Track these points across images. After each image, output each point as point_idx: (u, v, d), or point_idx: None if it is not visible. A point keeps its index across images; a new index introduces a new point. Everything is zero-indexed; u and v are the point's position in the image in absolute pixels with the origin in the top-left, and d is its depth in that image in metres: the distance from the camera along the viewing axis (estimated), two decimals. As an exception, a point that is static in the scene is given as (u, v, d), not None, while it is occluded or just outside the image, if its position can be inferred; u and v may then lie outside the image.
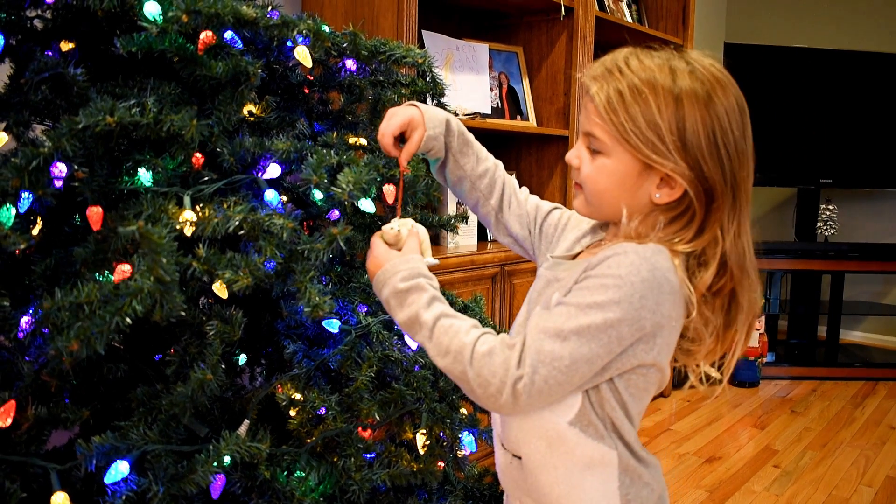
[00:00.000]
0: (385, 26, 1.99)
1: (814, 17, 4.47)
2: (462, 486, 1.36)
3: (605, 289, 0.80)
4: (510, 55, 2.73)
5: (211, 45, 1.03)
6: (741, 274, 0.87)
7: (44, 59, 1.01)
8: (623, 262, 0.80)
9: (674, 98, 0.82)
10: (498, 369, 0.82)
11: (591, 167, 0.89)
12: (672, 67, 0.84)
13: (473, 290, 2.25)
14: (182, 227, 0.95)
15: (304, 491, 1.04)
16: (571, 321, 0.81)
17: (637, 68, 0.84)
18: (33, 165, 0.86)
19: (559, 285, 0.90)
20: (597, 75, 0.87)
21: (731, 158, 0.84)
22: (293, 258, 0.99)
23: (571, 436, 0.86)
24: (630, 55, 0.87)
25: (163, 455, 0.96)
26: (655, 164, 0.84)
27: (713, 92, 0.83)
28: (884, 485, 2.51)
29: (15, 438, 0.97)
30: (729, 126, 0.84)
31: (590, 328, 0.80)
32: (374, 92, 1.36)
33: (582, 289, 0.82)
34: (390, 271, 0.91)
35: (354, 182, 0.99)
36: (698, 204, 0.84)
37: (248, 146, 1.08)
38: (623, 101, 0.83)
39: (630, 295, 0.79)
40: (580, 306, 0.81)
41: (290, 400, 1.11)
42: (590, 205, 0.92)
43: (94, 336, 0.79)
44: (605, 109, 0.85)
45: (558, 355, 0.80)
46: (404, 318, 0.89)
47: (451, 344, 0.85)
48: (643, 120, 0.82)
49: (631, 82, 0.83)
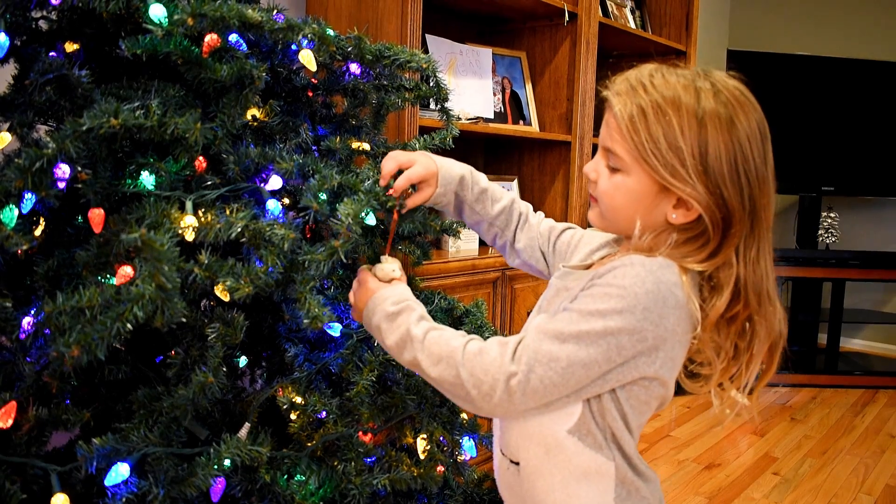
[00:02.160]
0: (389, 30, 1.99)
1: (817, 25, 4.48)
2: (462, 491, 1.36)
3: (609, 297, 0.80)
4: (513, 60, 2.74)
5: (216, 48, 1.04)
6: (758, 301, 0.86)
7: (48, 61, 1.02)
8: (629, 273, 0.80)
9: (697, 119, 0.81)
10: (490, 366, 0.83)
11: (608, 183, 0.89)
12: (697, 87, 0.83)
13: (475, 294, 2.25)
14: (184, 232, 0.95)
15: (304, 495, 1.04)
16: (572, 325, 0.81)
17: (661, 86, 0.83)
18: (37, 166, 0.86)
19: (567, 294, 0.89)
20: (620, 91, 0.86)
21: (752, 185, 0.83)
22: (294, 268, 1.00)
23: (570, 444, 0.86)
24: (655, 71, 0.86)
25: (163, 457, 0.96)
26: (672, 188, 0.83)
27: (735, 116, 0.82)
28: (883, 493, 2.50)
29: (15, 439, 0.97)
30: (751, 152, 0.83)
31: (589, 334, 0.80)
32: (377, 96, 1.36)
33: (586, 296, 0.82)
34: (380, 298, 0.94)
35: (354, 215, 1.00)
36: (713, 229, 0.83)
37: (253, 156, 1.09)
38: (646, 119, 0.83)
39: (633, 306, 0.79)
40: (582, 312, 0.81)
41: (290, 403, 1.11)
42: (605, 219, 0.92)
43: (95, 342, 0.79)
44: (626, 127, 0.84)
45: (555, 356, 0.81)
46: (395, 339, 0.91)
47: (441, 351, 0.86)
48: (665, 142, 0.82)
49: (654, 100, 0.83)
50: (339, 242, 1.00)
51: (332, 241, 0.99)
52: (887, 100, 3.87)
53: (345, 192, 1.10)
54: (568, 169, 2.69)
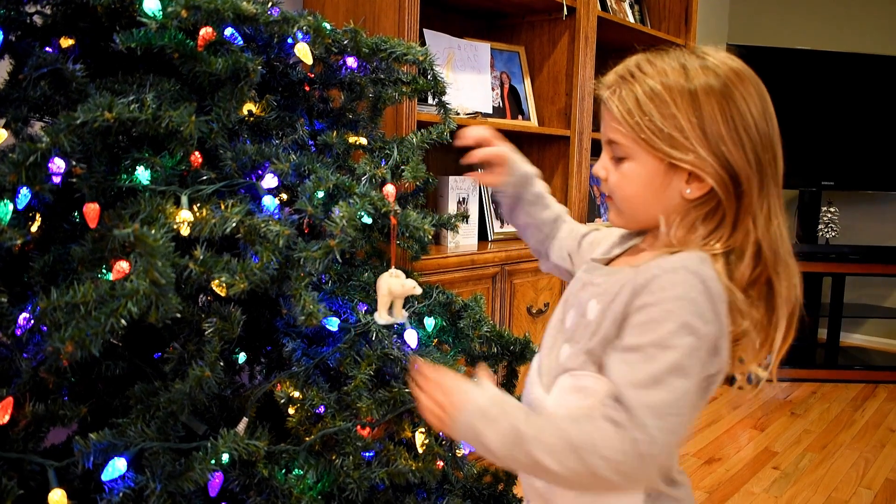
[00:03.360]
0: (386, 25, 1.98)
1: (816, 19, 4.47)
2: (461, 486, 1.35)
3: (670, 315, 0.78)
4: (512, 55, 2.73)
5: (211, 42, 1.03)
6: (775, 259, 0.85)
7: (42, 55, 1.01)
8: (676, 281, 0.79)
9: (689, 94, 0.82)
10: (616, 443, 0.77)
11: (616, 175, 0.89)
12: (684, 65, 0.84)
13: (473, 289, 2.25)
14: (179, 227, 0.95)
15: (302, 489, 1.04)
16: (658, 362, 0.78)
17: (650, 72, 0.84)
18: (31, 161, 0.86)
19: (595, 290, 0.89)
20: (610, 83, 0.88)
21: (753, 141, 0.84)
22: (289, 264, 0.99)
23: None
24: (641, 60, 0.87)
25: (160, 452, 0.96)
26: (676, 161, 0.83)
27: (729, 82, 0.83)
28: (883, 487, 2.50)
29: (13, 435, 0.96)
30: (748, 110, 0.84)
31: (678, 361, 0.77)
32: (374, 90, 1.35)
33: (647, 323, 0.80)
34: (470, 397, 0.86)
35: (349, 218, 0.99)
36: (726, 196, 0.84)
37: (250, 153, 1.09)
38: (638, 103, 0.84)
39: (694, 313, 0.78)
40: (657, 345, 0.78)
41: (288, 398, 1.11)
42: (622, 213, 0.92)
43: (89, 338, 0.79)
44: (620, 115, 0.85)
45: (666, 401, 0.77)
46: (500, 440, 0.82)
47: (563, 443, 0.79)
48: (659, 115, 0.83)
49: (645, 86, 0.84)
50: (335, 241, 1.00)
51: (327, 240, 0.98)
52: (887, 94, 3.86)
53: (340, 194, 1.09)
54: (567, 164, 2.69)
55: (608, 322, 0.84)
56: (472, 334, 1.34)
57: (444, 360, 1.21)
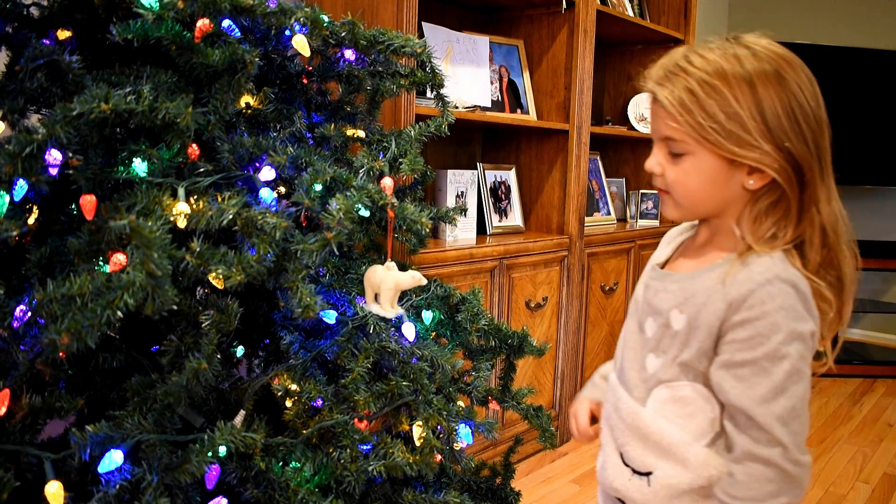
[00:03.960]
0: (385, 17, 1.98)
1: (816, 13, 4.46)
2: (459, 479, 1.36)
3: (776, 326, 0.82)
4: (511, 48, 2.72)
5: (208, 33, 1.03)
6: (838, 239, 0.88)
7: (39, 47, 1.01)
8: (774, 293, 0.82)
9: (747, 83, 0.82)
10: (776, 463, 0.83)
11: (676, 171, 0.89)
12: (735, 54, 0.84)
13: (472, 283, 2.25)
14: (176, 219, 0.95)
15: (300, 482, 1.04)
16: (776, 373, 0.82)
17: (701, 63, 0.84)
18: (27, 152, 0.86)
19: (672, 298, 0.92)
20: (660, 78, 0.87)
21: (813, 130, 0.85)
22: (286, 256, 0.99)
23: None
24: (688, 52, 0.86)
25: (157, 445, 0.96)
26: (739, 158, 0.84)
27: (781, 69, 0.84)
28: (881, 482, 2.50)
29: (9, 427, 0.96)
30: (804, 98, 0.85)
31: (793, 367, 0.82)
32: (372, 82, 1.35)
33: (755, 337, 0.83)
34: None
35: (345, 211, 0.99)
36: (789, 185, 0.85)
37: (247, 145, 1.08)
38: (696, 99, 0.83)
39: (796, 318, 0.82)
40: (770, 357, 0.82)
41: (286, 391, 1.11)
42: (681, 207, 0.92)
43: (85, 329, 0.78)
44: (678, 111, 0.84)
45: (791, 407, 0.82)
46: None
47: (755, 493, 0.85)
48: (722, 114, 0.83)
49: (700, 78, 0.83)
50: (332, 234, 0.99)
51: (324, 232, 0.98)
52: (886, 89, 3.86)
53: (337, 187, 1.09)
54: (566, 157, 2.68)
55: (702, 334, 0.87)
56: (470, 328, 1.34)
57: (441, 354, 1.21)
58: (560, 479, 2.44)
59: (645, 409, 0.93)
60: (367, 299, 1.20)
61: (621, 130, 3.13)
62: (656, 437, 0.91)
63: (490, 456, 2.36)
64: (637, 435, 0.93)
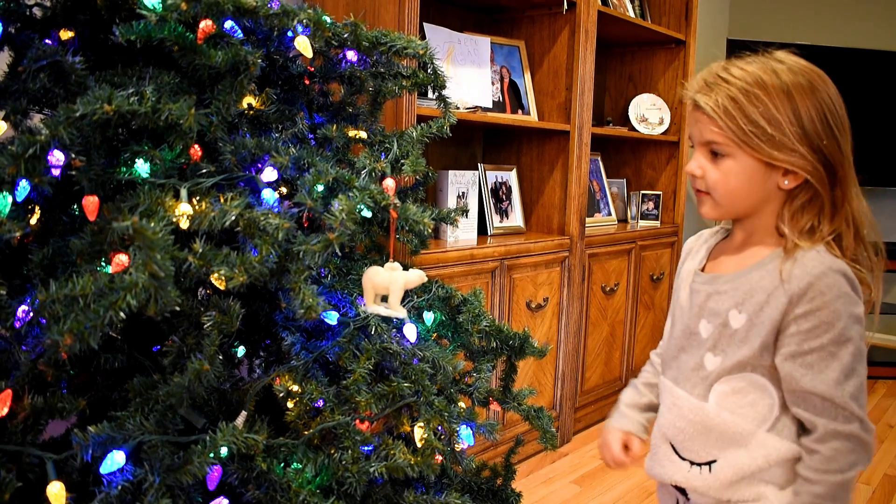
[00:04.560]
0: (386, 18, 1.98)
1: (817, 14, 4.46)
2: (460, 480, 1.36)
3: (838, 313, 0.90)
4: (512, 49, 2.72)
5: (211, 35, 1.03)
6: (866, 226, 0.98)
7: (42, 47, 1.01)
8: (831, 284, 0.90)
9: (785, 93, 0.91)
10: (851, 444, 0.91)
11: (717, 173, 0.97)
12: (773, 68, 0.93)
13: (473, 284, 2.25)
14: (178, 219, 0.95)
15: (301, 483, 1.04)
16: (844, 355, 0.91)
17: (740, 75, 0.93)
18: (30, 153, 0.86)
19: (728, 298, 0.99)
20: (701, 88, 0.95)
21: (843, 134, 0.94)
22: (288, 257, 0.99)
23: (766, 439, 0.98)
24: (728, 65, 0.95)
25: (159, 445, 0.96)
26: (776, 162, 0.92)
27: (813, 81, 0.93)
28: (881, 483, 2.50)
29: (11, 428, 0.96)
30: (834, 107, 0.93)
31: (858, 348, 0.91)
32: (374, 83, 1.35)
33: (820, 326, 0.91)
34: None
35: (348, 211, 1.00)
36: (821, 185, 0.93)
37: (250, 146, 1.09)
38: (738, 105, 0.91)
39: (853, 303, 0.92)
40: (836, 341, 0.91)
41: (287, 392, 1.11)
42: (720, 206, 0.99)
43: (88, 330, 0.78)
44: (721, 117, 0.92)
45: (859, 384, 0.92)
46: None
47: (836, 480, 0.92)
48: (763, 119, 0.91)
49: (741, 87, 0.92)
50: (335, 235, 1.00)
51: (326, 233, 0.98)
52: (886, 89, 3.86)
53: (339, 188, 1.09)
54: (567, 158, 2.68)
55: (765, 330, 0.94)
56: (472, 329, 1.34)
57: (443, 355, 1.21)
58: (561, 479, 2.44)
59: (707, 404, 1.00)
60: (367, 301, 1.19)
61: (622, 131, 3.13)
62: (721, 429, 0.98)
63: (491, 457, 2.36)
64: (700, 429, 1.00)
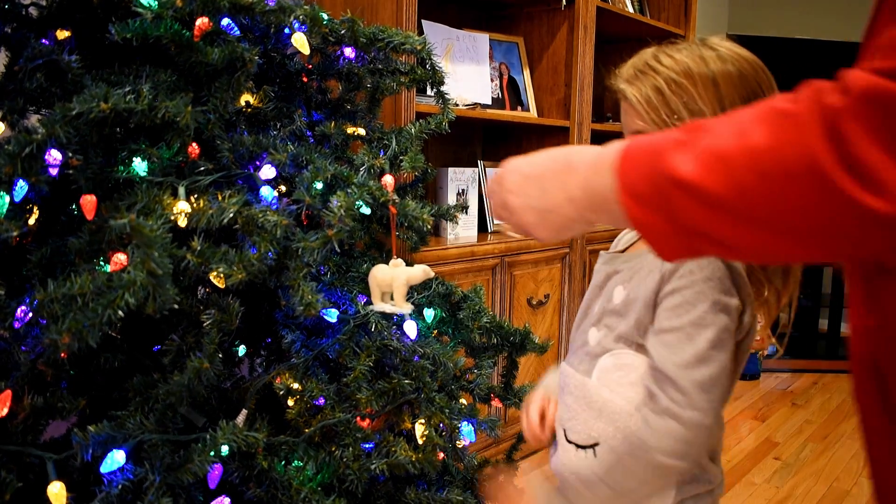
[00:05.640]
0: (384, 15, 1.97)
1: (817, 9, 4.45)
2: (461, 477, 1.35)
3: (701, 295, 0.85)
4: (511, 45, 2.72)
5: (207, 32, 1.02)
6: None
7: (38, 47, 1.01)
8: (703, 264, 0.85)
9: (711, 82, 0.87)
10: (683, 431, 0.85)
11: None
12: (701, 55, 0.89)
13: (473, 281, 2.24)
14: (176, 218, 0.94)
15: (302, 480, 1.03)
16: (699, 340, 0.85)
17: (669, 63, 0.89)
18: (27, 152, 0.86)
19: (620, 277, 0.95)
20: (630, 77, 0.92)
21: None
22: (287, 255, 0.99)
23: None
24: (658, 52, 0.91)
25: (159, 444, 0.95)
26: None
27: (743, 70, 0.89)
28: None
29: (11, 428, 0.96)
30: (764, 97, 0.88)
31: (717, 336, 0.85)
32: (372, 80, 1.35)
33: (682, 305, 0.86)
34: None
35: (346, 207, 0.99)
36: None
37: (248, 144, 1.08)
38: (663, 96, 0.88)
39: (722, 291, 0.85)
40: (695, 324, 0.85)
41: (288, 389, 1.11)
42: None
43: (86, 329, 0.78)
44: (645, 109, 0.89)
45: (712, 375, 0.84)
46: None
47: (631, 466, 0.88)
48: (686, 110, 0.87)
49: (667, 76, 0.88)
50: (333, 232, 0.99)
51: (325, 230, 0.98)
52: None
53: (338, 185, 1.09)
54: (567, 155, 2.68)
55: (640, 306, 0.90)
56: (472, 325, 1.34)
57: (443, 352, 1.21)
58: (563, 476, 2.44)
59: (589, 379, 0.96)
60: (373, 299, 1.18)
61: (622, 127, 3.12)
62: (598, 405, 0.93)
63: (493, 453, 2.36)
64: (583, 405, 0.96)
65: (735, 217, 0.54)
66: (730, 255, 0.66)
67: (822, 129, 0.49)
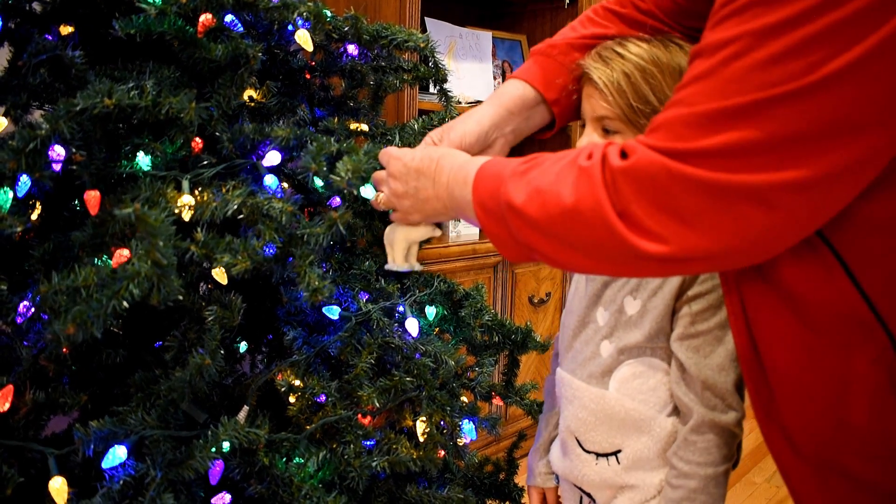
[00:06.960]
0: (387, 13, 1.97)
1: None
2: (462, 475, 1.35)
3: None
4: (514, 43, 2.72)
5: (211, 28, 1.03)
6: None
7: (41, 42, 1.01)
8: None
9: (679, 73, 0.87)
10: (725, 437, 0.94)
11: None
12: (668, 47, 0.89)
13: (475, 279, 2.25)
14: (180, 211, 0.94)
15: (303, 477, 1.03)
16: (728, 343, 0.90)
17: (637, 51, 0.89)
18: (30, 148, 0.86)
19: (625, 287, 0.96)
20: (596, 63, 0.91)
21: None
22: (292, 242, 0.99)
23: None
24: (625, 41, 0.91)
25: (161, 440, 0.96)
26: None
27: None
28: None
29: (13, 423, 0.96)
30: None
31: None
32: (375, 77, 1.34)
33: (707, 310, 0.90)
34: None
35: (353, 170, 0.98)
36: None
37: (248, 132, 1.08)
38: (631, 82, 0.87)
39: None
40: (723, 325, 0.90)
41: (289, 386, 1.11)
42: None
43: (91, 319, 0.78)
44: (612, 94, 0.88)
45: (741, 374, 0.91)
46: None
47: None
48: (654, 98, 0.87)
49: (636, 63, 0.88)
50: (338, 213, 0.99)
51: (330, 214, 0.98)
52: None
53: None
54: (569, 153, 2.68)
55: (658, 313, 0.92)
56: (474, 323, 1.34)
57: (445, 349, 1.21)
58: (563, 474, 2.44)
59: (607, 391, 0.97)
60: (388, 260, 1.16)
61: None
62: (622, 416, 0.95)
63: (494, 451, 2.36)
64: (602, 418, 0.97)
65: (550, 238, 0.68)
66: (554, 265, 0.74)
67: (604, 182, 0.63)
